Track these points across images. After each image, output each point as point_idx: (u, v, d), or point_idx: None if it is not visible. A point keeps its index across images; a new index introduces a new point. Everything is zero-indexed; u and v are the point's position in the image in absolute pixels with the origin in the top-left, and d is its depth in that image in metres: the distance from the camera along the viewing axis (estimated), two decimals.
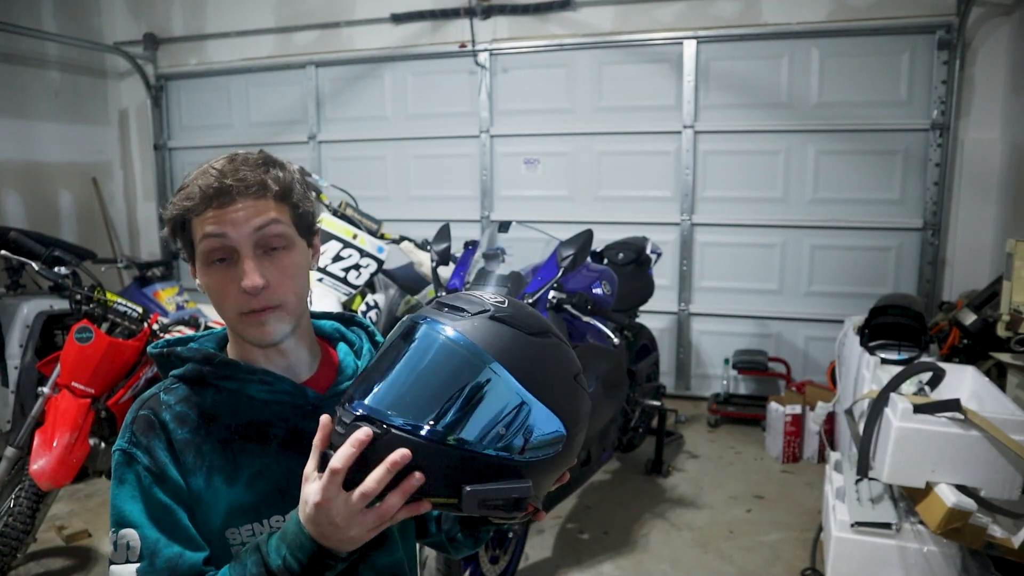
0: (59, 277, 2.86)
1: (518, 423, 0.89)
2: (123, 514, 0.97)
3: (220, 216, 0.98)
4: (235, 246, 0.99)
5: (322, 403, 1.08)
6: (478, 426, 0.87)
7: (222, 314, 1.03)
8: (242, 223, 0.98)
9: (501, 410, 0.88)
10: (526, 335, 0.93)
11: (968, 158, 4.38)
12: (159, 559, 0.95)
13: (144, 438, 1.00)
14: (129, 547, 0.96)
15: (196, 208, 0.99)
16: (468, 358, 0.88)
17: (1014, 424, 2.18)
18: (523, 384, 0.90)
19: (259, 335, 1.02)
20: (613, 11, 4.93)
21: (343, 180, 4.87)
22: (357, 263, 3.36)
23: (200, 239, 1.00)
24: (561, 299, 2.71)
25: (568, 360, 0.98)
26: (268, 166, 1.03)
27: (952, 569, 2.31)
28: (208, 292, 1.03)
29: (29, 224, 5.27)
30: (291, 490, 1.03)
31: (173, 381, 1.07)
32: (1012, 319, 2.86)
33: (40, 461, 2.48)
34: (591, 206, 5.14)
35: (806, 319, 4.79)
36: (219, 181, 0.99)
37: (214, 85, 6.05)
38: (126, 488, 0.99)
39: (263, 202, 1.00)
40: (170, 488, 0.99)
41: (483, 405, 0.88)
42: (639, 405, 3.68)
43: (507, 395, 0.89)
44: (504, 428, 0.88)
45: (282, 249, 1.02)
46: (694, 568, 2.93)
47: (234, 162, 1.02)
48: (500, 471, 0.88)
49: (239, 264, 0.99)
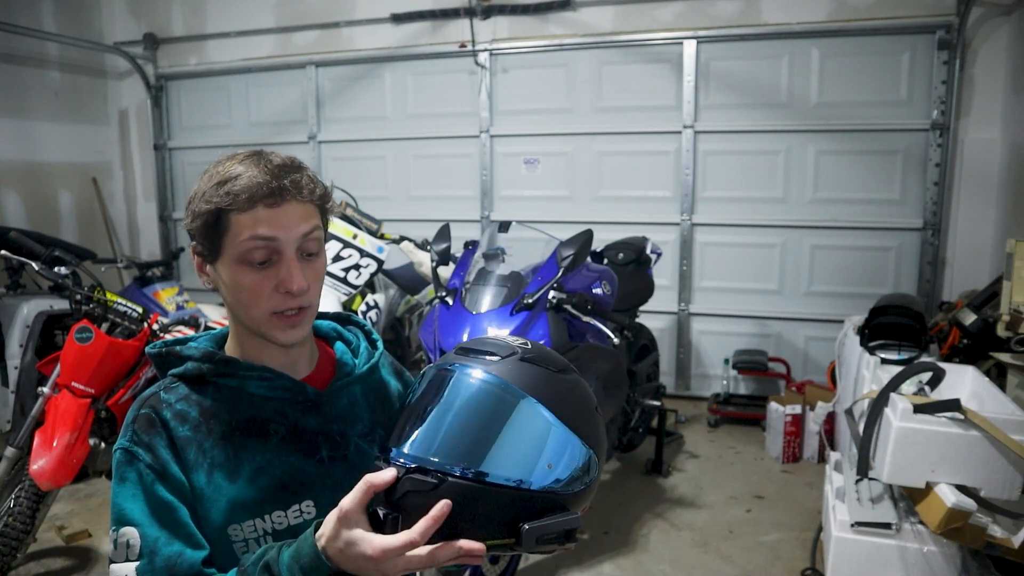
0: (59, 277, 2.86)
1: (562, 456, 0.93)
2: (124, 512, 0.97)
3: (272, 218, 0.98)
4: (282, 248, 0.99)
5: (321, 399, 1.09)
6: (528, 464, 0.91)
7: (248, 312, 1.02)
8: (292, 227, 0.99)
9: (545, 445, 0.92)
10: (554, 373, 0.98)
11: (968, 158, 4.38)
12: (158, 557, 0.95)
13: (146, 436, 1.00)
14: (129, 545, 0.96)
15: (242, 204, 0.97)
16: (507, 399, 0.92)
17: (1014, 424, 2.18)
18: (559, 418, 0.94)
19: (289, 336, 1.04)
20: (613, 11, 4.93)
21: (343, 180, 4.87)
22: (357, 263, 3.36)
23: (245, 238, 0.98)
24: (561, 299, 2.71)
25: (589, 393, 1.03)
26: (304, 170, 1.03)
27: (952, 569, 2.31)
28: (237, 290, 1.01)
29: (29, 224, 5.27)
30: (292, 485, 1.04)
31: (173, 380, 1.07)
32: (1012, 319, 2.86)
33: (40, 461, 2.48)
34: (591, 206, 5.14)
35: (806, 319, 4.79)
36: (274, 180, 0.97)
37: (214, 85, 6.05)
38: (127, 486, 0.99)
39: (308, 207, 1.02)
40: (172, 485, 0.99)
41: (528, 443, 0.92)
42: (639, 405, 3.68)
43: (547, 430, 0.93)
44: (550, 463, 0.92)
45: (316, 254, 1.04)
46: (694, 568, 2.93)
47: (269, 161, 1.00)
48: (549, 505, 0.92)
49: (280, 265, 1.00)
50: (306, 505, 1.05)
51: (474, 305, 2.72)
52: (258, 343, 1.06)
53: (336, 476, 1.07)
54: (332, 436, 1.09)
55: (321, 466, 1.07)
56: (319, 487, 1.06)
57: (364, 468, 1.07)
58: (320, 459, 1.07)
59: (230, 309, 1.06)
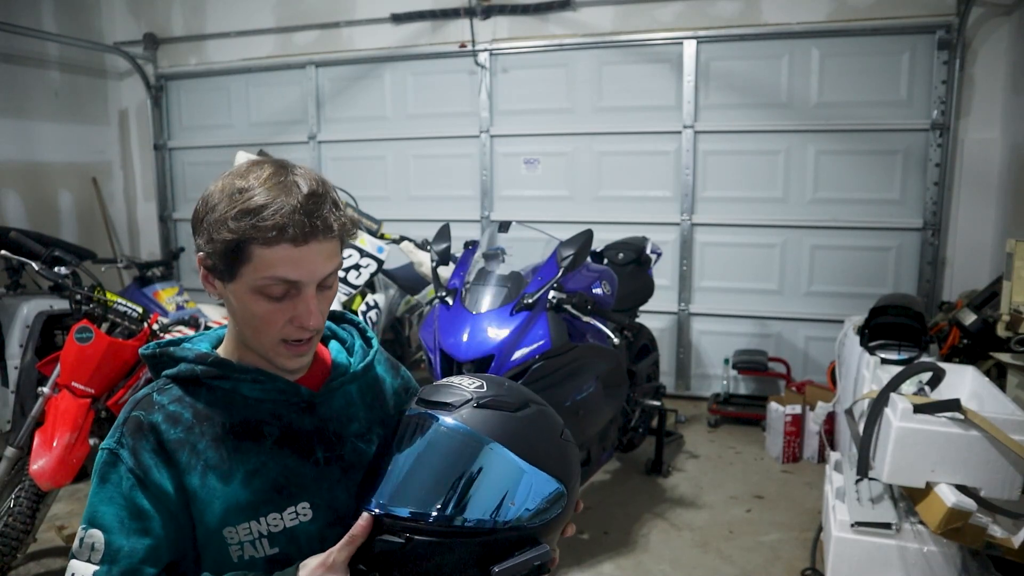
0: (59, 277, 2.86)
1: (528, 492, 0.97)
2: (97, 514, 0.98)
3: (298, 259, 0.95)
4: (302, 287, 0.98)
5: (316, 400, 1.09)
6: (490, 505, 0.94)
7: (256, 337, 1.02)
8: (316, 268, 0.98)
9: (507, 485, 0.96)
10: (511, 413, 1.01)
11: (968, 158, 4.38)
12: (116, 568, 0.95)
13: (132, 439, 1.00)
14: (93, 548, 0.96)
15: (268, 239, 0.93)
16: (469, 445, 0.96)
17: (1014, 424, 2.18)
18: (520, 456, 0.98)
19: (296, 363, 1.05)
20: (613, 11, 4.93)
21: (343, 180, 4.87)
22: (357, 263, 3.36)
23: (266, 275, 0.95)
24: (561, 299, 2.71)
25: (552, 422, 1.06)
26: (329, 195, 0.99)
27: (952, 569, 2.31)
28: (248, 316, 1.00)
29: (29, 224, 5.27)
30: (288, 487, 1.04)
31: (166, 382, 1.06)
32: (1012, 319, 2.86)
33: (40, 461, 2.48)
34: (591, 206, 5.13)
35: (806, 319, 4.79)
36: (303, 217, 0.94)
37: (214, 85, 6.05)
38: (107, 488, 0.98)
39: (332, 244, 0.99)
40: (152, 494, 0.98)
41: (490, 485, 0.95)
42: (639, 405, 3.68)
43: (509, 470, 0.97)
44: (513, 501, 0.95)
45: (331, 285, 1.04)
46: (694, 568, 2.93)
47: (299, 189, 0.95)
48: (518, 542, 0.96)
49: (298, 301, 0.99)
50: (302, 507, 1.04)
51: (474, 305, 2.72)
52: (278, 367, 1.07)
53: (332, 477, 1.07)
54: (327, 437, 1.09)
55: (316, 467, 1.06)
56: (314, 489, 1.06)
57: (360, 468, 1.08)
58: (315, 460, 1.07)
59: (234, 320, 1.05)
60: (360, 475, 1.07)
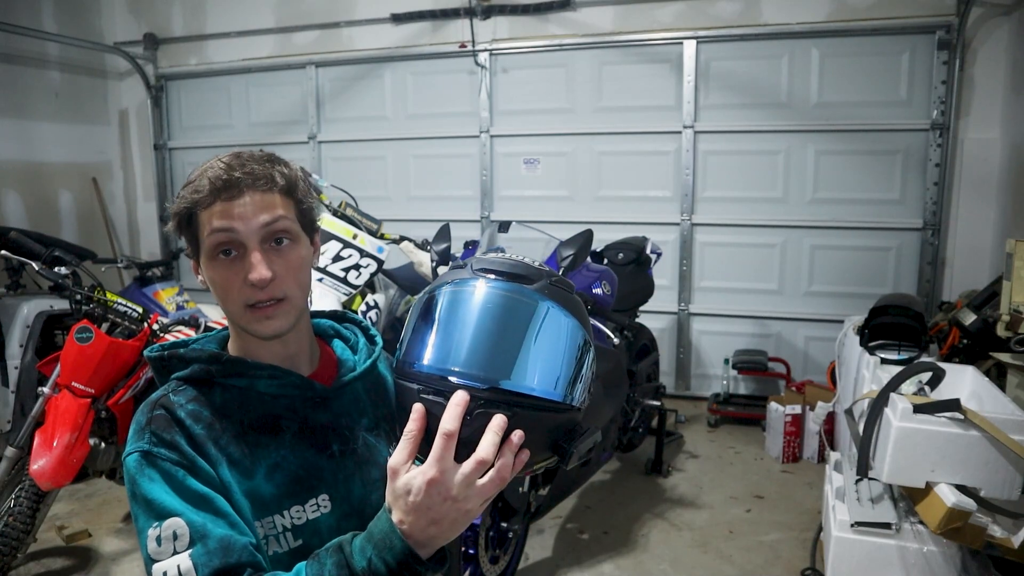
0: (59, 277, 2.86)
1: (589, 374, 0.98)
2: (162, 505, 0.92)
3: (228, 209, 0.99)
4: (243, 240, 1.00)
5: (329, 395, 1.10)
6: (572, 384, 0.94)
7: (226, 308, 1.04)
8: (250, 217, 1.00)
9: (583, 367, 0.97)
10: (573, 294, 1.00)
11: (968, 158, 4.38)
12: (211, 540, 0.90)
13: (167, 435, 0.97)
14: (176, 536, 0.90)
15: (204, 200, 0.99)
16: (561, 320, 0.95)
17: (1014, 424, 2.17)
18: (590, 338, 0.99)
19: (264, 328, 1.03)
20: (613, 11, 4.93)
21: (343, 180, 4.86)
22: (357, 263, 3.36)
23: (208, 233, 1.00)
24: None
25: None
26: (274, 162, 1.05)
27: (952, 569, 2.31)
28: (212, 286, 1.04)
29: (29, 224, 5.27)
30: (308, 480, 1.05)
31: (179, 384, 1.06)
32: (1012, 319, 2.86)
33: (40, 461, 2.48)
34: (591, 206, 5.14)
35: (806, 319, 4.79)
36: (228, 173, 1.00)
37: (214, 85, 6.05)
38: (157, 484, 0.94)
39: (270, 196, 1.02)
40: (203, 478, 0.96)
41: (573, 365, 0.95)
42: (639, 405, 3.68)
43: (587, 352, 0.97)
44: (588, 379, 0.97)
45: (287, 243, 1.04)
46: (694, 568, 2.93)
47: (240, 157, 1.03)
48: (575, 424, 0.96)
49: (246, 257, 1.00)
50: (322, 499, 1.05)
51: None
52: (256, 341, 1.06)
53: (347, 469, 1.09)
54: (341, 431, 1.10)
55: (333, 460, 1.08)
56: (332, 481, 1.07)
57: (372, 461, 1.10)
58: (331, 453, 1.08)
59: (217, 302, 1.07)
60: (371, 469, 1.09)
